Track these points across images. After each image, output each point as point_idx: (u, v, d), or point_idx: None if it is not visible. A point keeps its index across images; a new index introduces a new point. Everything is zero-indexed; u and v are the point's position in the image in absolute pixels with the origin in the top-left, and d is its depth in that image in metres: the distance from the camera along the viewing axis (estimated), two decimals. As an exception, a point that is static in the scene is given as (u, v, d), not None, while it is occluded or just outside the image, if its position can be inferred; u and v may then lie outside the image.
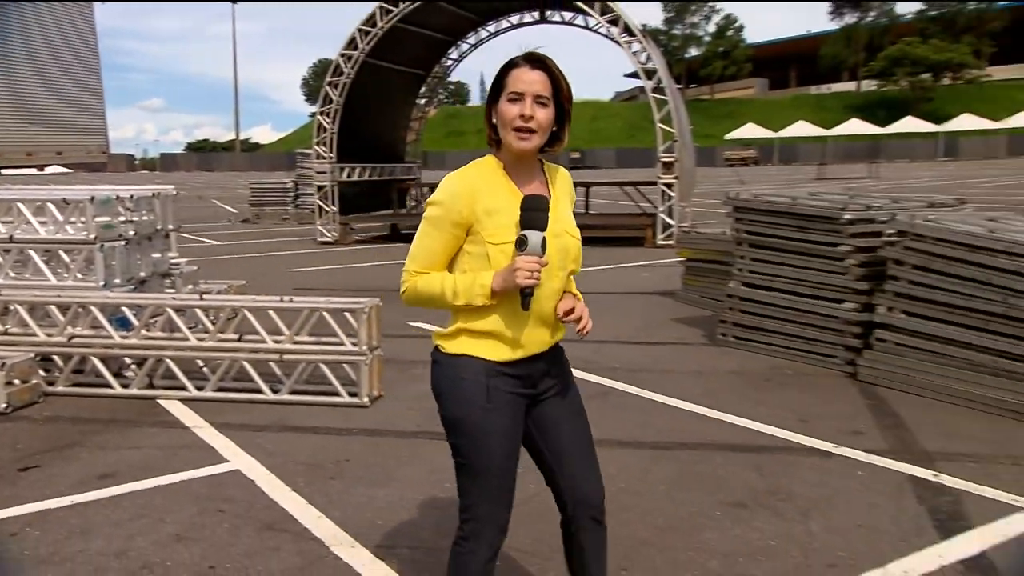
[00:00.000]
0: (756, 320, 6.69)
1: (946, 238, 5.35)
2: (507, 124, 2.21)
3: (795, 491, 3.99)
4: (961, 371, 5.27)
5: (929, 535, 3.52)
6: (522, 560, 3.39)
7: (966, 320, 5.24)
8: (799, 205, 6.37)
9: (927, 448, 4.55)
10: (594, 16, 14.19)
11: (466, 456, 2.33)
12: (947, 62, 74.73)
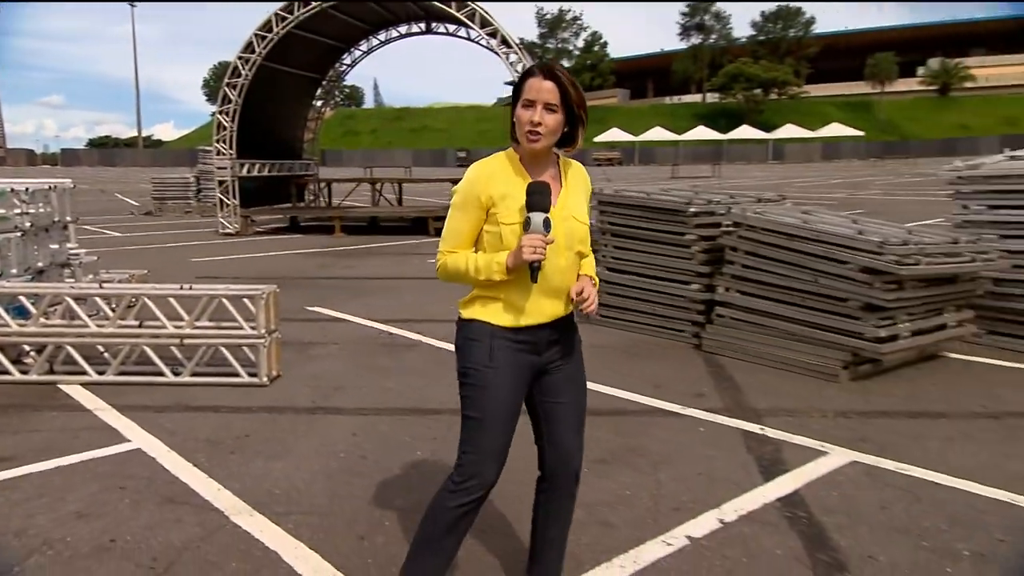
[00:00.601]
0: (618, 300, 6.82)
1: (770, 228, 5.59)
2: (521, 127, 2.27)
3: (648, 447, 4.10)
4: (782, 340, 5.52)
5: (755, 479, 3.68)
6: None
7: (786, 297, 5.50)
8: (653, 200, 6.53)
9: (755, 406, 4.74)
10: (475, 29, 14.13)
11: (467, 408, 2.39)
12: (774, 80, 78.26)
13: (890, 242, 4.99)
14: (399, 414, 4.68)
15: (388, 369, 5.65)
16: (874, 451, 4.00)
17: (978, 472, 3.72)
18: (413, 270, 10.57)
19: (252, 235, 15.13)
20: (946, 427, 4.39)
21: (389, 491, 3.60)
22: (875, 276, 5.02)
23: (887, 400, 4.85)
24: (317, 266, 11.01)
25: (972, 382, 5.22)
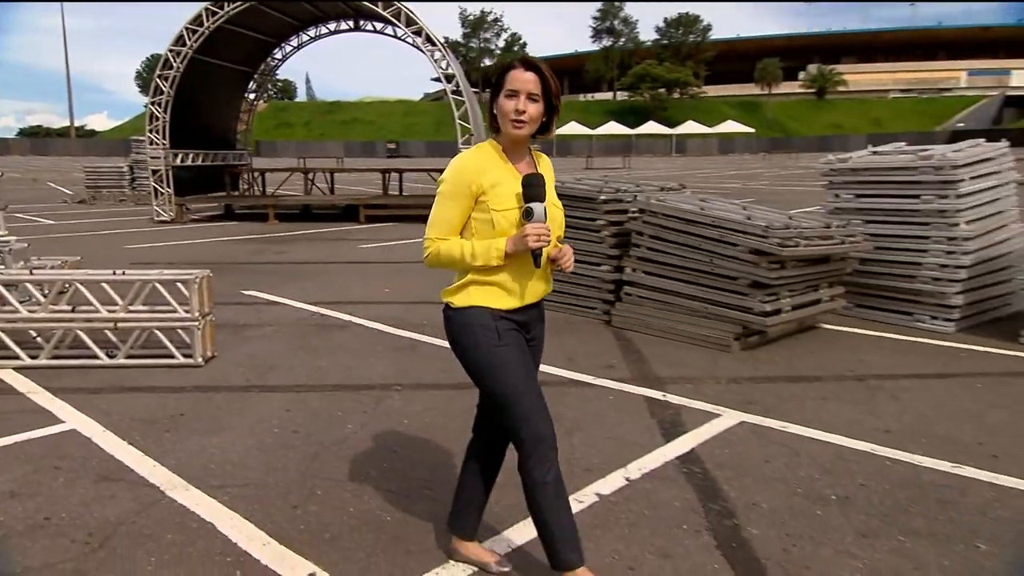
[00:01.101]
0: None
1: (671, 214, 5.70)
2: (505, 116, 2.24)
3: (563, 414, 4.12)
4: (683, 315, 5.65)
5: (658, 440, 3.77)
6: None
7: (686, 277, 5.62)
8: (567, 188, 6.55)
9: (659, 375, 4.83)
10: (401, 27, 13.89)
11: (497, 392, 2.32)
12: (676, 80, 79.81)
13: (774, 227, 5.16)
14: (330, 390, 4.61)
15: (320, 349, 5.55)
16: (760, 412, 4.15)
17: (845, 427, 3.91)
18: (345, 255, 10.39)
19: (187, 223, 14.58)
20: (820, 389, 4.58)
21: (321, 463, 3.54)
22: (761, 257, 5.18)
23: (771, 367, 5.03)
24: (252, 252, 10.69)
25: (842, 349, 5.44)
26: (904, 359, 5.17)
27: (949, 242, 5.71)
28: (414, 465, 3.52)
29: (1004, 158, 6.12)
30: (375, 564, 2.68)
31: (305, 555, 2.74)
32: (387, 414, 4.18)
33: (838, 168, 6.41)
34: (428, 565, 2.68)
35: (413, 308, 6.86)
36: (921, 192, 5.82)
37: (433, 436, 3.87)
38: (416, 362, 5.19)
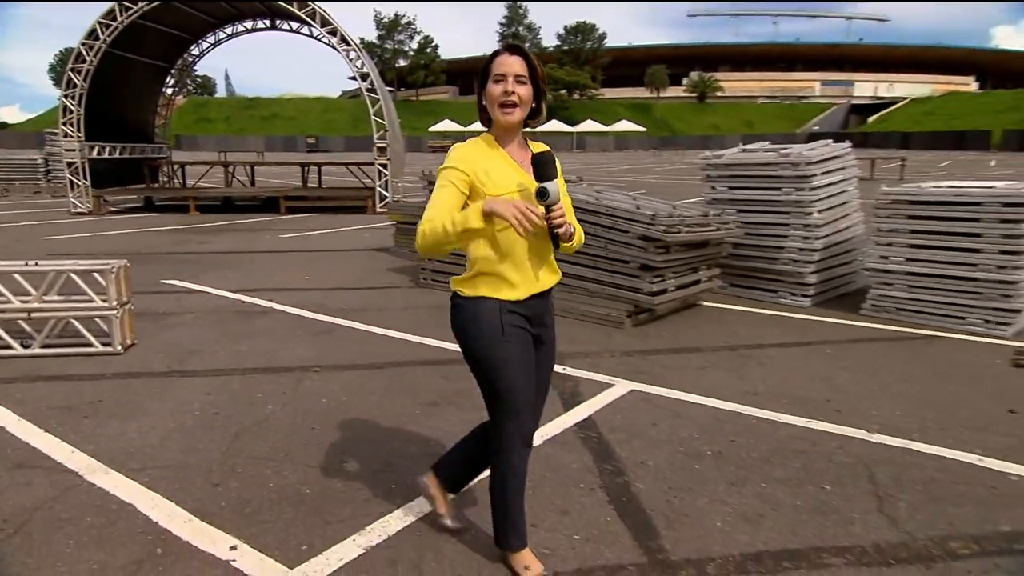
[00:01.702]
0: (447, 267, 6.81)
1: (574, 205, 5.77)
2: (494, 101, 2.09)
3: (471, 390, 3.94)
4: (582, 296, 5.75)
5: (558, 409, 3.81)
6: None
7: (584, 261, 5.72)
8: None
9: (560, 351, 4.76)
10: (316, 27, 13.42)
11: (494, 385, 2.22)
12: (576, 83, 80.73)
13: (660, 215, 5.31)
14: (251, 374, 4.44)
15: (241, 334, 5.34)
16: (648, 381, 4.28)
17: (720, 391, 4.07)
18: (266, 244, 10.02)
19: (106, 215, 13.69)
20: (700, 359, 4.75)
21: (242, 442, 3.42)
22: (649, 242, 5.32)
23: (659, 340, 5.18)
24: (173, 242, 10.15)
25: (718, 324, 5.66)
26: (769, 330, 5.44)
27: (805, 228, 6.03)
28: (332, 441, 3.45)
29: (848, 156, 6.50)
30: (294, 535, 2.62)
31: (226, 530, 2.65)
32: (306, 394, 4.08)
33: (714, 164, 6.64)
34: (345, 533, 2.64)
35: (332, 294, 6.70)
36: (782, 185, 6.12)
37: (350, 413, 3.80)
38: (334, 345, 5.07)
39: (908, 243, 5.63)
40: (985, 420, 3.68)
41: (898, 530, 2.64)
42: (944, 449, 3.33)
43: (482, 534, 2.62)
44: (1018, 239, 5.17)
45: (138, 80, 15.71)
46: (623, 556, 2.50)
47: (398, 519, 2.73)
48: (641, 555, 2.51)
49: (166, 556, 2.49)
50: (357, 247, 9.75)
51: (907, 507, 2.81)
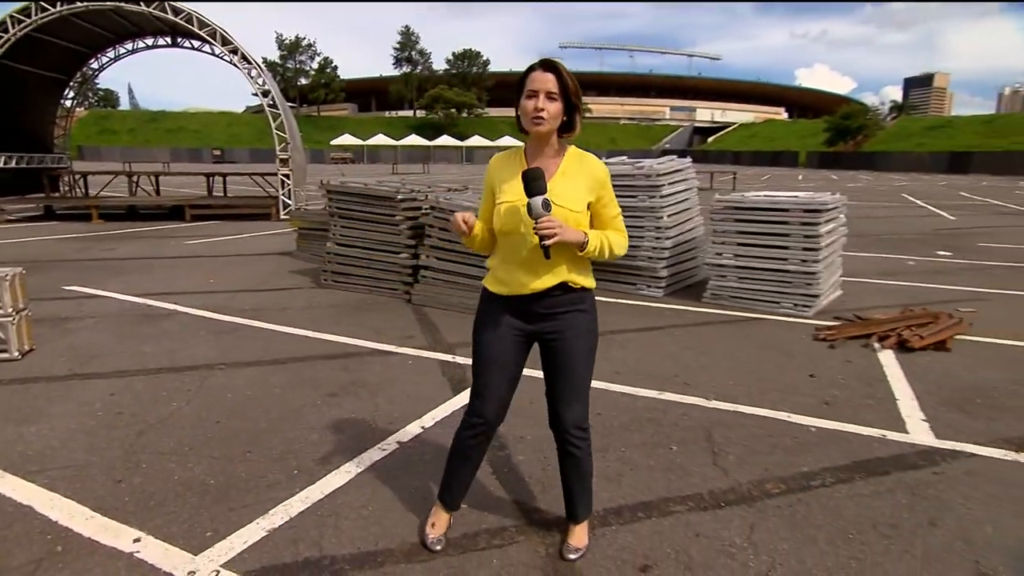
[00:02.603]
0: (347, 268, 6.62)
1: (455, 209, 5.72)
2: (527, 115, 2.00)
3: (369, 380, 4.04)
4: (469, 292, 5.73)
5: (448, 394, 3.80)
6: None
7: (469, 260, 5.68)
8: (370, 189, 6.39)
9: (450, 342, 4.87)
10: (217, 46, 12.61)
11: (472, 358, 2.23)
12: (464, 102, 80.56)
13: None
14: (155, 374, 4.12)
15: (145, 336, 4.94)
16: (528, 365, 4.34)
17: (588, 372, 4.21)
18: (171, 251, 9.31)
19: (4, 223, 12.26)
20: (571, 344, 4.88)
21: (146, 439, 3.17)
22: (525, 244, 5.40)
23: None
24: (76, 249, 9.22)
25: (587, 313, 5.84)
26: (630, 318, 5.67)
27: (657, 230, 6.34)
28: (237, 433, 3.27)
29: (689, 170, 6.89)
30: (199, 523, 2.46)
31: (130, 523, 2.45)
32: (211, 390, 3.83)
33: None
34: (249, 517, 2.51)
35: (237, 296, 6.33)
36: (638, 193, 6.40)
37: (254, 407, 3.61)
38: (238, 343, 4.79)
39: (736, 242, 6.04)
40: (793, 384, 4.03)
41: (728, 478, 2.84)
42: (763, 409, 3.61)
43: (380, 510, 2.58)
44: (815, 238, 5.68)
45: (34, 92, 14.17)
46: (505, 519, 2.53)
47: (300, 501, 2.63)
48: (520, 518, 2.55)
49: (67, 553, 2.26)
50: (261, 252, 9.28)
51: (735, 459, 3.02)
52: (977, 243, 10.74)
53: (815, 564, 2.26)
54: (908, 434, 3.32)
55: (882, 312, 5.70)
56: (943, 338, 4.82)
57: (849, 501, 2.67)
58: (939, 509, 2.61)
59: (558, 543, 2.37)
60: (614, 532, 2.45)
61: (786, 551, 2.33)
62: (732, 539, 2.40)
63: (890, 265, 8.44)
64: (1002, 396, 3.84)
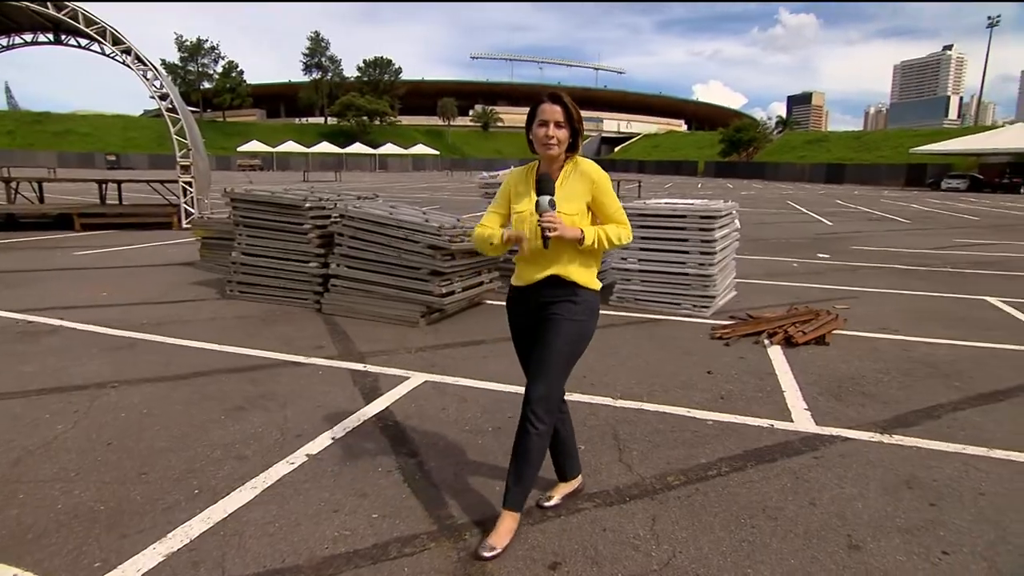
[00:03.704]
0: (254, 278, 6.33)
1: (365, 218, 5.66)
2: (539, 140, 2.34)
3: (277, 392, 3.88)
4: (379, 300, 5.65)
5: (359, 404, 3.71)
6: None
7: (380, 269, 5.62)
8: (276, 197, 6.15)
9: (361, 350, 4.76)
10: (108, 45, 11.72)
11: None
12: (376, 110, 79.11)
13: (445, 226, 5.38)
14: (37, 395, 3.75)
15: (25, 355, 4.50)
16: (440, 372, 4.30)
17: (501, 376, 4.21)
18: (58, 262, 8.54)
19: None
20: (484, 350, 4.88)
21: (24, 467, 2.88)
22: (437, 250, 5.38)
23: (449, 336, 5.23)
24: (-59, 262, 8.28)
25: (499, 318, 5.67)
26: (539, 322, 5.75)
27: (565, 237, 6.48)
28: (131, 454, 3.04)
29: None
30: (87, 554, 2.26)
31: (4, 560, 2.21)
32: (102, 411, 3.54)
33: (489, 183, 6.90)
34: (144, 543, 2.34)
35: (133, 309, 5.90)
36: (546, 202, 6.51)
37: (152, 425, 3.37)
38: (135, 359, 4.46)
39: (640, 247, 6.28)
40: (692, 381, 4.23)
41: (632, 473, 2.94)
42: (665, 406, 3.77)
43: (287, 525, 2.47)
44: (711, 243, 6.01)
45: None
46: (417, 527, 2.50)
47: (201, 522, 2.48)
48: (432, 524, 2.52)
49: (-74, 600, 2.02)
50: (162, 262, 8.71)
51: (638, 454, 3.13)
52: (851, 246, 11.72)
53: (711, 550, 2.38)
54: (793, 423, 3.56)
55: (771, 311, 6.10)
56: (823, 333, 5.22)
57: (742, 488, 2.83)
58: (818, 490, 2.82)
59: (471, 547, 2.36)
60: (524, 532, 2.47)
61: (685, 539, 2.44)
62: (636, 531, 2.49)
63: (778, 267, 9.05)
64: (871, 384, 4.20)
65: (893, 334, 5.45)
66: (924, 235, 14.03)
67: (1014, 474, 2.98)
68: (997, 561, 2.34)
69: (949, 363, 4.66)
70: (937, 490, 2.83)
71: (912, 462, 3.09)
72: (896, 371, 4.47)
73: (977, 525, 2.56)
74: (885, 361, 4.70)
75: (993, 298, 6.97)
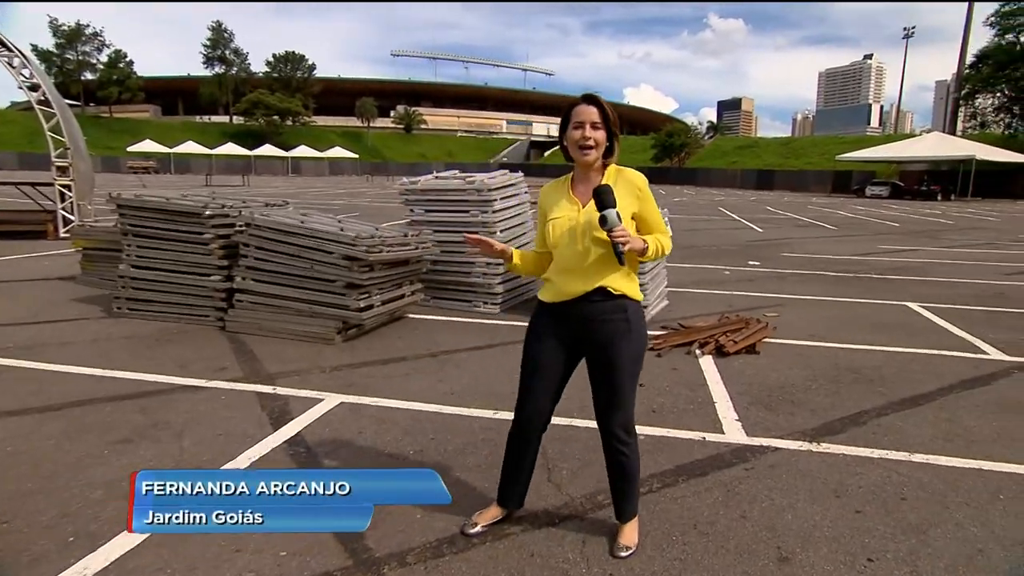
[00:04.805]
0: (145, 294, 6.00)
1: (274, 227, 5.48)
2: (574, 144, 2.31)
3: (172, 420, 3.69)
4: (291, 316, 5.49)
5: (267, 430, 3.59)
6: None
7: (291, 282, 5.46)
8: (171, 204, 5.86)
9: (270, 371, 4.61)
10: (-34, 30, 10.88)
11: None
12: (288, 109, 77.02)
13: (362, 236, 5.30)
14: None
15: None
16: (357, 392, 4.22)
17: (422, 395, 4.18)
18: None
19: None
20: (405, 367, 4.82)
21: None
22: (353, 262, 5.28)
23: (368, 353, 5.14)
24: None
25: (422, 333, 5.81)
26: (465, 336, 5.75)
27: (492, 246, 6.51)
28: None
29: (522, 184, 7.19)
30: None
31: None
32: (-44, 450, 3.25)
33: (411, 189, 6.85)
34: (6, 603, 2.15)
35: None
36: (470, 208, 6.54)
37: (18, 464, 3.12)
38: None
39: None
40: (624, 394, 4.33)
41: (561, 494, 2.97)
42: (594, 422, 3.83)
43: (181, 570, 2.34)
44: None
45: None
46: (329, 562, 2.43)
47: (78, 574, 2.31)
48: (347, 558, 2.46)
49: None
50: (35, 277, 8.13)
51: (568, 473, 3.17)
52: (780, 253, 12.39)
53: (643, 569, 2.44)
54: (724, 434, 3.71)
55: (703, 320, 6.35)
56: (753, 342, 5.48)
57: (673, 504, 2.91)
58: (749, 503, 2.94)
59: (388, 583, 2.31)
60: (447, 563, 2.45)
61: (616, 561, 2.49)
62: (566, 555, 2.51)
63: (710, 275, 9.44)
64: (799, 392, 4.44)
65: (820, 341, 5.79)
66: (850, 241, 15.01)
67: (932, 478, 3.22)
68: (919, 566, 2.51)
69: (873, 369, 4.99)
70: (863, 497, 3.01)
71: (839, 469, 3.28)
72: (824, 378, 4.74)
73: (900, 531, 2.74)
74: (813, 368, 4.98)
75: (913, 303, 7.54)
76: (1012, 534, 2.72)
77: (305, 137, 73.81)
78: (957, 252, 13.18)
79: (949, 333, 6.18)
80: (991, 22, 47.36)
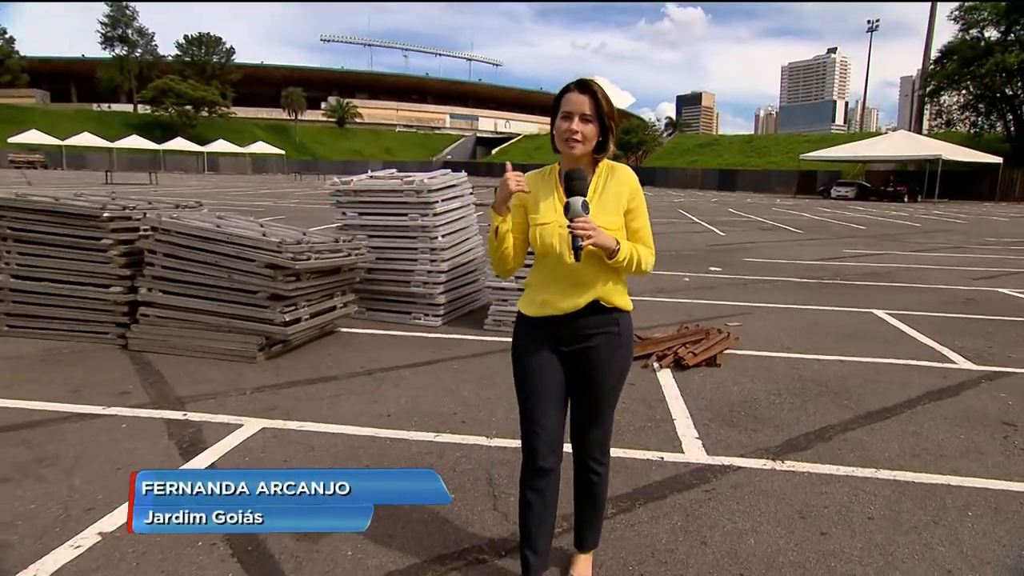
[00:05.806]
0: (29, 308, 5.73)
1: (185, 232, 5.33)
2: (560, 136, 2.21)
3: (62, 454, 3.52)
4: (206, 332, 5.34)
5: (176, 461, 3.48)
6: None
7: (205, 294, 5.32)
8: (62, 204, 5.63)
9: (180, 395, 4.47)
10: None
11: (516, 391, 2.39)
12: (203, 98, 75.17)
13: (287, 242, 5.21)
14: None
15: None
16: (281, 416, 4.13)
17: (355, 418, 4.13)
18: None
19: None
20: (336, 387, 4.75)
21: None
22: (277, 270, 5.18)
23: (294, 372, 5.04)
24: None
25: (356, 349, 5.73)
26: (404, 351, 5.70)
27: (431, 252, 6.50)
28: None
29: (465, 185, 7.20)
30: None
31: None
32: None
33: (343, 190, 6.77)
34: None
35: None
36: (408, 211, 6.50)
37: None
38: None
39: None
40: (578, 413, 4.37)
41: (509, 523, 2.97)
42: (547, 443, 3.85)
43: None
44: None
45: None
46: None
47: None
48: (266, 606, 2.39)
49: None
50: None
51: (515, 501, 3.16)
52: (743, 258, 12.76)
53: (597, 603, 2.45)
54: (683, 454, 3.78)
55: (661, 330, 6.47)
56: (714, 354, 5.61)
57: (630, 531, 2.95)
58: (710, 527, 3.00)
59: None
60: (383, 605, 2.41)
61: (568, 595, 2.50)
62: (513, 591, 2.51)
63: (669, 282, 9.64)
64: (762, 407, 4.57)
65: (785, 351, 5.98)
66: (815, 246, 15.59)
67: (899, 495, 3.36)
68: (885, 587, 2.61)
69: (839, 380, 5.18)
70: (829, 518, 3.11)
71: (804, 489, 3.39)
72: (788, 392, 4.90)
73: (867, 553, 2.84)
74: (777, 381, 5.14)
75: (879, 311, 7.87)
76: (981, 554, 2.86)
77: (223, 130, 72.03)
78: (925, 256, 13.85)
79: (917, 342, 6.48)
80: (955, 16, 50.09)
